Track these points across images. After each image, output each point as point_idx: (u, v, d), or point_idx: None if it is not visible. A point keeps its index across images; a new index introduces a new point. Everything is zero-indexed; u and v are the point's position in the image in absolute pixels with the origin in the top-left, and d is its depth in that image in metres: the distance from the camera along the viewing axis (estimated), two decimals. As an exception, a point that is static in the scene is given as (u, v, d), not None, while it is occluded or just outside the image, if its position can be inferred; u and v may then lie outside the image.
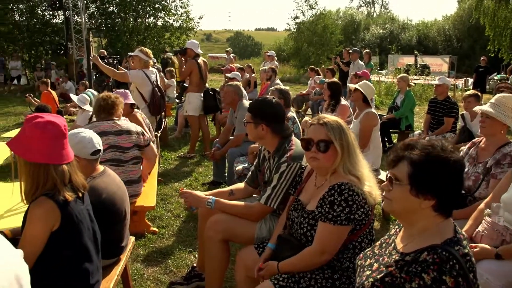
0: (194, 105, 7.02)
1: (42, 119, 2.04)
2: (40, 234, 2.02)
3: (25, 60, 20.12)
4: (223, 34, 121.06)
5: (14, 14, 20.68)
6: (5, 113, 12.07)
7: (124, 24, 21.06)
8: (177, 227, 4.52)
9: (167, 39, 22.25)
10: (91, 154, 2.67)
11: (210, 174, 6.19)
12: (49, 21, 20.83)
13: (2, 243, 1.59)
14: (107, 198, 2.64)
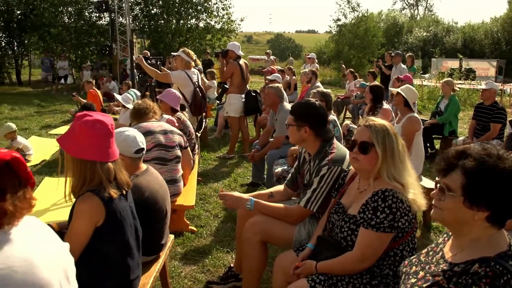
0: (235, 106, 7.07)
1: (91, 117, 2.09)
2: (85, 229, 2.07)
3: (71, 60, 20.77)
4: (264, 36, 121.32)
5: (64, 17, 21.38)
6: (52, 111, 12.49)
7: (166, 25, 21.42)
8: (215, 227, 4.55)
9: (208, 41, 22.49)
10: (135, 153, 2.73)
11: (249, 175, 6.21)
12: (95, 23, 21.41)
13: (52, 236, 1.64)
14: (149, 196, 2.69)
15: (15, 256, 1.39)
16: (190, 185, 4.61)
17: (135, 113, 4.20)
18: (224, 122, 8.78)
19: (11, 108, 12.61)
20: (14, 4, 21.03)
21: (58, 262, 1.57)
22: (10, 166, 1.45)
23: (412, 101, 4.99)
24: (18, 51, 22.18)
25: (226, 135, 8.84)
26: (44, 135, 9.12)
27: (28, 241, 1.48)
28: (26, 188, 1.50)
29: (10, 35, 21.42)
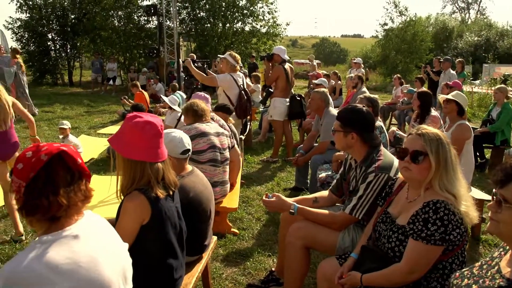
0: (279, 110, 7.07)
1: (141, 119, 2.13)
2: (131, 227, 2.11)
3: (120, 62, 21.37)
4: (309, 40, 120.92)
5: (114, 20, 22.09)
6: (101, 111, 12.88)
7: (213, 29, 21.69)
8: (257, 230, 4.55)
9: (253, 44, 22.62)
10: (181, 153, 2.77)
11: (292, 179, 6.18)
12: (143, 26, 21.98)
13: (114, 235, 1.68)
14: (194, 197, 2.72)
15: (81, 252, 1.43)
16: (234, 187, 4.64)
17: (190, 112, 4.24)
18: (268, 125, 8.79)
19: (63, 107, 13.09)
20: (69, 9, 21.91)
21: (119, 261, 1.61)
22: (62, 160, 1.49)
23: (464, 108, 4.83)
24: (71, 54, 23.03)
25: (270, 139, 8.85)
26: (93, 134, 9.41)
27: (93, 238, 1.52)
28: (80, 180, 1.54)
29: (64, 38, 22.31)
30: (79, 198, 1.52)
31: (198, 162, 3.92)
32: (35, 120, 4.82)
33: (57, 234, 1.45)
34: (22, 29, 21.47)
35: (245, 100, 6.32)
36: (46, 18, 21.65)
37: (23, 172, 1.44)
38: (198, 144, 3.96)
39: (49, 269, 1.34)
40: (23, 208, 1.47)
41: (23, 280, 1.31)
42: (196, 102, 4.29)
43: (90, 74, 22.97)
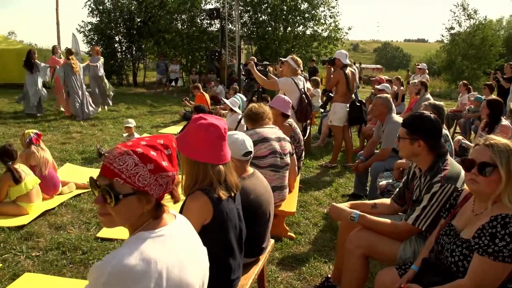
0: (339, 115, 6.98)
1: (206, 120, 2.17)
2: (193, 226, 2.15)
3: (182, 64, 21.93)
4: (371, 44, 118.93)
5: (177, 24, 22.74)
6: (163, 111, 13.26)
7: (274, 32, 21.77)
8: (313, 235, 4.52)
9: (314, 48, 22.50)
10: (243, 155, 2.80)
11: (350, 186, 6.08)
12: (206, 29, 22.44)
13: (197, 239, 1.72)
14: (254, 199, 2.73)
15: (174, 253, 1.48)
16: (292, 191, 4.63)
17: (252, 117, 4.25)
18: (327, 130, 8.72)
19: (127, 107, 13.60)
20: (136, 13, 22.78)
21: (200, 266, 1.64)
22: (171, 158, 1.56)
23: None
24: (136, 55, 23.92)
25: (329, 144, 8.76)
26: (155, 133, 9.68)
27: (182, 240, 1.56)
28: (173, 183, 1.60)
29: (130, 41, 23.22)
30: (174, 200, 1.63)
31: (259, 167, 3.93)
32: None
33: (154, 232, 1.48)
34: (92, 32, 22.64)
35: (306, 103, 6.30)
36: (114, 22, 22.69)
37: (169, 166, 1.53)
38: (260, 150, 3.98)
39: (148, 265, 1.38)
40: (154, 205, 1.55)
41: (124, 273, 1.35)
42: (255, 106, 4.30)
43: (153, 75, 23.83)
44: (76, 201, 5.24)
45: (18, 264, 3.73)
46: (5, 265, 3.70)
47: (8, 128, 9.44)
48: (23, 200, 4.71)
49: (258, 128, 4.16)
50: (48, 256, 3.89)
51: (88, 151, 7.60)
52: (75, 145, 8.05)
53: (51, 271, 3.65)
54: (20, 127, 9.58)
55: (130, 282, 1.34)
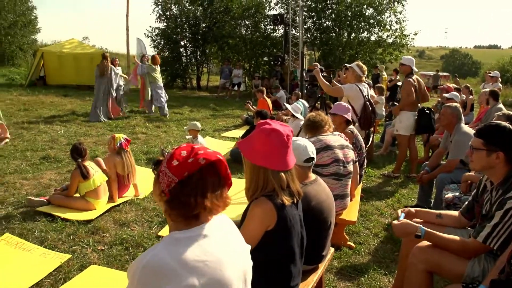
0: (406, 124, 6.74)
1: (269, 126, 2.17)
2: (256, 231, 2.16)
3: (245, 69, 22.19)
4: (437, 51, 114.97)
5: (241, 29, 23.08)
6: (225, 115, 13.46)
7: (337, 38, 21.55)
8: (374, 246, 4.40)
9: (379, 55, 22.04)
10: (305, 161, 2.77)
11: (414, 197, 5.88)
12: (269, 35, 22.59)
13: (239, 237, 1.74)
14: (315, 206, 2.71)
15: (209, 251, 1.50)
16: (354, 200, 4.54)
17: (311, 126, 4.22)
18: (391, 139, 8.49)
19: (190, 110, 13.93)
20: (201, 18, 23.36)
21: (241, 263, 1.65)
22: (215, 166, 1.58)
23: None
24: (200, 60, 24.50)
25: (392, 153, 8.54)
26: (217, 136, 9.87)
27: (220, 239, 1.58)
28: (224, 188, 1.62)
29: (195, 45, 23.85)
30: (219, 205, 1.59)
31: (321, 175, 3.88)
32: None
33: (188, 232, 1.53)
34: (159, 37, 23.45)
35: (370, 111, 6.17)
36: (180, 27, 23.38)
37: (178, 169, 1.53)
38: (322, 158, 3.94)
39: (180, 264, 1.42)
40: (169, 202, 1.56)
41: (156, 271, 1.40)
42: (312, 115, 4.25)
43: (216, 79, 24.32)
44: (140, 199, 5.42)
45: (85, 256, 3.93)
46: (74, 256, 3.91)
47: (79, 127, 9.97)
48: (91, 195, 4.95)
49: (322, 135, 4.11)
50: (112, 250, 4.06)
51: (152, 152, 7.85)
52: (140, 146, 8.34)
53: (114, 265, 3.81)
54: (90, 127, 10.12)
55: (161, 279, 1.39)
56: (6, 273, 3.65)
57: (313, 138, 4.06)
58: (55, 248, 4.05)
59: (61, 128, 9.71)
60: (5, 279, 3.56)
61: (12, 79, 19.73)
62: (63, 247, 4.09)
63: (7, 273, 3.65)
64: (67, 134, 9.21)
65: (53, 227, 4.48)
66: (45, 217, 4.72)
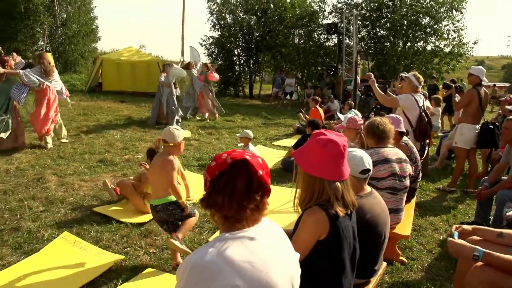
0: (466, 137, 6.46)
1: (325, 136, 2.17)
2: (308, 240, 2.16)
3: (298, 78, 22.18)
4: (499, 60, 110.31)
5: (294, 38, 23.11)
6: (277, 124, 13.48)
7: (392, 48, 21.10)
8: (427, 262, 4.26)
9: (435, 65, 21.39)
10: (360, 173, 2.73)
11: (471, 213, 5.64)
12: (323, 44, 22.47)
13: (287, 243, 1.75)
14: (370, 219, 2.66)
15: (255, 253, 1.53)
16: (407, 214, 4.42)
17: (376, 134, 4.06)
18: (447, 152, 8.21)
19: (242, 118, 14.05)
20: (255, 27, 23.63)
21: (288, 269, 1.66)
22: (243, 166, 1.62)
23: None
24: (253, 68, 24.74)
25: (447, 166, 8.25)
26: (269, 145, 9.89)
27: (268, 243, 1.60)
28: (257, 192, 1.64)
29: (248, 54, 24.15)
30: (250, 207, 1.61)
31: (377, 189, 3.81)
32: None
33: (236, 233, 1.57)
34: (213, 45, 23.95)
35: (426, 122, 5.98)
36: (234, 36, 23.76)
37: (212, 169, 1.63)
38: (379, 171, 3.86)
39: (226, 264, 1.46)
40: (204, 200, 1.66)
41: (203, 269, 1.46)
42: (381, 122, 4.06)
43: (268, 88, 24.47)
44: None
45: (138, 258, 4.05)
46: (126, 257, 4.05)
47: (135, 133, 10.29)
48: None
49: (381, 147, 4.00)
50: (163, 254, 4.16)
51: (204, 158, 7.98)
52: (192, 152, 8.50)
53: (165, 269, 3.89)
54: (145, 132, 10.44)
55: (207, 278, 1.44)
56: (63, 269, 3.84)
57: (371, 150, 3.96)
58: (109, 249, 4.20)
59: (117, 133, 10.08)
60: (62, 275, 3.74)
61: (73, 85, 20.67)
62: (117, 248, 4.24)
63: (64, 269, 3.83)
64: (122, 138, 9.54)
65: (108, 228, 4.65)
66: (101, 218, 4.90)
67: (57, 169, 6.79)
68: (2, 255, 3.97)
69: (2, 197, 5.48)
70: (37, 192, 5.68)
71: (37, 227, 4.61)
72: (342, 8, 21.79)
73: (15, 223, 4.70)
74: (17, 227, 4.59)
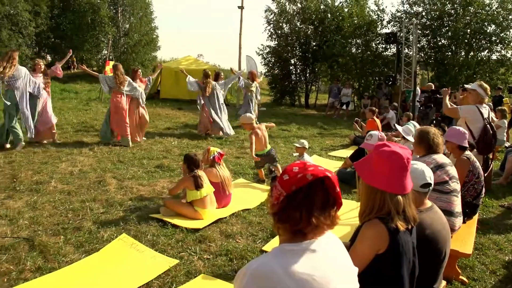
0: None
1: (389, 148, 2.13)
2: (366, 254, 2.11)
3: (354, 88, 21.86)
4: None
5: (352, 48, 22.80)
6: (332, 134, 13.34)
7: (454, 57, 20.36)
8: (490, 284, 4.04)
9: (501, 75, 20.40)
10: (421, 187, 2.65)
11: (541, 233, 5.32)
12: (381, 53, 22.00)
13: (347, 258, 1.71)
14: (430, 235, 2.57)
15: (316, 266, 1.51)
16: (469, 231, 4.22)
17: (431, 145, 3.99)
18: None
19: (298, 127, 14.02)
20: (312, 37, 23.60)
21: (348, 284, 1.62)
22: (323, 183, 1.58)
23: None
24: (309, 78, 24.67)
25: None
26: (324, 155, 9.80)
27: (329, 256, 1.58)
28: (332, 207, 1.60)
29: (305, 64, 24.10)
30: (326, 223, 1.59)
31: (443, 193, 3.75)
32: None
33: (298, 245, 1.56)
34: (270, 54, 24.07)
35: (490, 135, 5.71)
36: (291, 45, 23.78)
37: (288, 184, 1.58)
38: (440, 176, 3.80)
39: (287, 274, 1.46)
40: (277, 214, 1.61)
41: (263, 278, 1.46)
42: (436, 134, 4.00)
43: (324, 97, 24.30)
44: (246, 213, 5.54)
45: (192, 263, 4.11)
46: (181, 261, 4.13)
47: (191, 140, 10.53)
48: (198, 205, 5.19)
49: (432, 154, 3.98)
50: (217, 260, 4.20)
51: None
52: (248, 160, 8.54)
53: (218, 275, 3.92)
54: (201, 139, 10.66)
55: (267, 287, 1.44)
56: (120, 270, 3.97)
57: (427, 157, 3.92)
58: (164, 252, 4.30)
59: (174, 140, 10.34)
60: (119, 275, 3.88)
61: (133, 92, 21.40)
62: (172, 252, 4.32)
63: (121, 270, 3.97)
64: (179, 145, 9.78)
65: (164, 232, 4.75)
66: (157, 222, 5.02)
67: (117, 173, 7.05)
68: (66, 253, 4.17)
69: (66, 197, 5.75)
70: (98, 194, 5.91)
71: (97, 227, 4.80)
72: (401, 17, 21.29)
73: (77, 222, 4.92)
74: (79, 226, 4.80)
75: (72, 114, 13.50)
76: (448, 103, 6.12)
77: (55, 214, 5.15)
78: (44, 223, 4.86)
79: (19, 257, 4.00)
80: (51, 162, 7.53)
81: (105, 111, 10.34)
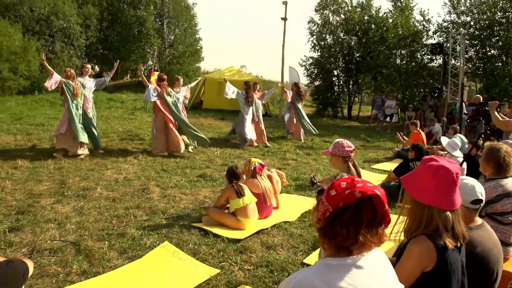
0: None
1: (436, 162, 2.06)
2: (412, 271, 2.05)
3: (398, 100, 21.46)
4: None
5: (396, 59, 22.42)
6: (376, 146, 13.12)
7: (504, 68, 19.65)
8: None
9: (556, 87, 19.51)
10: (471, 203, 2.54)
11: None
12: (426, 64, 21.52)
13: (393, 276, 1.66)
14: (481, 254, 2.46)
15: (360, 282, 1.48)
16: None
17: (499, 165, 3.60)
18: None
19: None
20: (355, 48, 23.43)
21: None
22: (372, 201, 1.54)
23: None
24: (352, 89, 24.42)
25: None
26: (367, 168, 9.63)
27: (374, 273, 1.54)
28: (380, 225, 1.56)
29: (348, 75, 23.91)
30: (373, 241, 1.55)
31: (501, 223, 3.49)
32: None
33: (342, 260, 1.53)
34: (313, 66, 24.01)
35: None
36: (334, 56, 23.67)
37: (334, 199, 1.55)
38: (505, 205, 3.51)
39: None
40: (323, 230, 1.58)
41: None
42: (508, 150, 3.59)
43: (367, 109, 23.95)
44: (288, 225, 5.50)
45: (232, 274, 4.11)
46: (222, 271, 4.13)
47: (233, 150, 10.62)
48: (241, 214, 5.19)
49: (502, 178, 3.60)
50: (257, 271, 4.18)
51: (302, 179, 7.94)
52: (290, 171, 8.51)
53: (259, 286, 3.90)
54: (243, 150, 10.70)
55: None
56: (161, 277, 4.02)
57: (493, 182, 3.59)
58: (205, 262, 4.31)
59: (217, 150, 10.44)
60: (160, 283, 3.92)
61: (177, 103, 21.86)
62: (213, 261, 4.33)
63: (163, 278, 4.01)
64: (222, 155, 9.86)
65: (205, 242, 4.77)
66: (199, 231, 5.06)
67: (160, 181, 7.17)
68: (110, 258, 4.26)
69: (111, 204, 5.90)
70: (141, 202, 6.03)
71: (140, 234, 4.88)
72: (448, 27, 20.74)
73: (121, 229, 5.02)
74: (123, 233, 4.90)
75: (118, 123, 13.92)
76: (498, 115, 5.89)
77: (100, 220, 5.30)
78: (90, 228, 5.00)
79: (66, 260, 4.14)
80: (98, 169, 7.77)
81: (150, 120, 10.56)
